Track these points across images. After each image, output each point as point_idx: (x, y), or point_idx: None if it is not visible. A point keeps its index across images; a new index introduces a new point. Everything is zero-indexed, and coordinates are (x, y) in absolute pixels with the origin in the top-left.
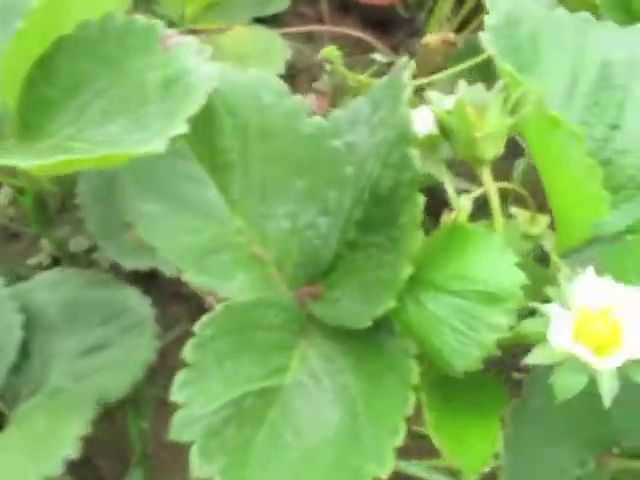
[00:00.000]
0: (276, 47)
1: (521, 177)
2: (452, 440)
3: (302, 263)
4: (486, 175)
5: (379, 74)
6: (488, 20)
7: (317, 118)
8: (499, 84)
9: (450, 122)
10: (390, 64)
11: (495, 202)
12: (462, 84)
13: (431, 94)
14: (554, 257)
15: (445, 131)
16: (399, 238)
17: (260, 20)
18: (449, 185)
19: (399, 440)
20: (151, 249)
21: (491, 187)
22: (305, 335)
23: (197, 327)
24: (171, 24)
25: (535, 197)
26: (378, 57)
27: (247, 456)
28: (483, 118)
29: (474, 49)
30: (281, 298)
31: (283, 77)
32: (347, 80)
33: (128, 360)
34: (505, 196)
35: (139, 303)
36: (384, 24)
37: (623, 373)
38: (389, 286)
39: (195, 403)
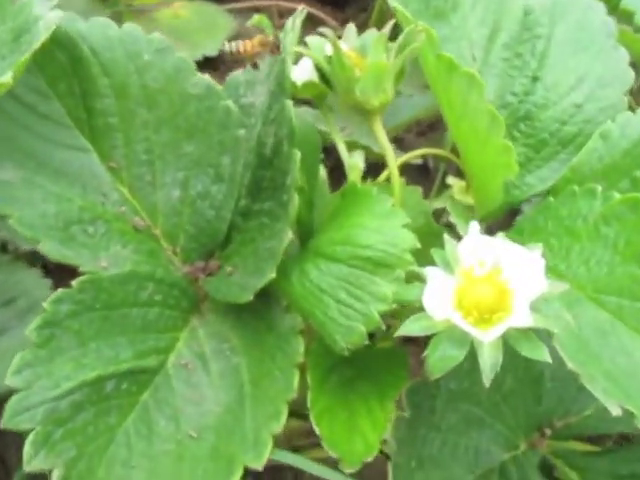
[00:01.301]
0: (218, 23)
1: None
2: (337, 426)
3: (195, 235)
4: (377, 127)
5: None
6: None
7: (206, 77)
8: (388, 26)
9: (328, 68)
10: (338, 38)
11: (391, 159)
12: (350, 29)
13: (310, 40)
14: (454, 216)
15: (325, 78)
16: (288, 202)
17: None
18: (338, 140)
19: (279, 426)
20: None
21: (385, 142)
22: (197, 313)
23: (48, 303)
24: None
25: None
26: (325, 31)
27: (105, 447)
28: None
29: None
30: (168, 273)
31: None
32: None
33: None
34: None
35: (36, 285)
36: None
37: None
38: (272, 256)
39: (36, 387)
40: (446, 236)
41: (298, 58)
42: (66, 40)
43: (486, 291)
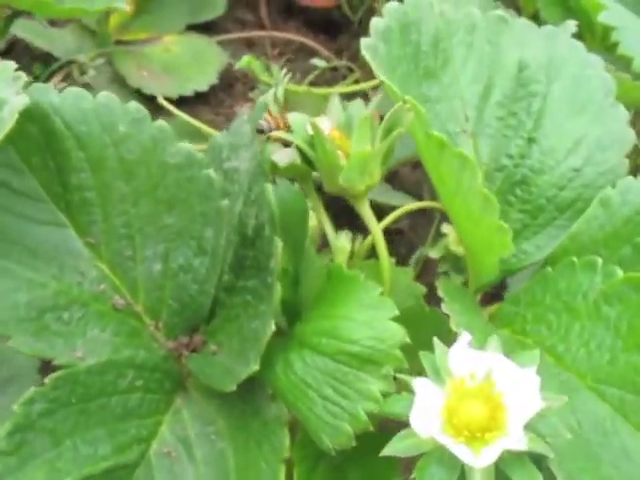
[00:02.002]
0: (209, 55)
1: None
2: None
3: (178, 310)
4: (364, 209)
5: (319, 80)
6: (376, 24)
7: (186, 146)
8: (375, 100)
9: (310, 151)
10: (332, 69)
11: (381, 243)
12: (334, 101)
13: (293, 118)
14: (446, 301)
15: (308, 160)
16: (272, 286)
17: (195, 27)
18: (325, 221)
19: None
20: None
21: (374, 226)
22: (182, 391)
23: (18, 405)
24: (93, 35)
25: None
26: (318, 62)
27: None
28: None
29: None
30: (149, 355)
31: (217, 87)
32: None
33: None
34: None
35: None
36: (328, 27)
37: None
38: (257, 340)
39: None
40: (436, 341)
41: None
42: (38, 113)
43: (478, 409)
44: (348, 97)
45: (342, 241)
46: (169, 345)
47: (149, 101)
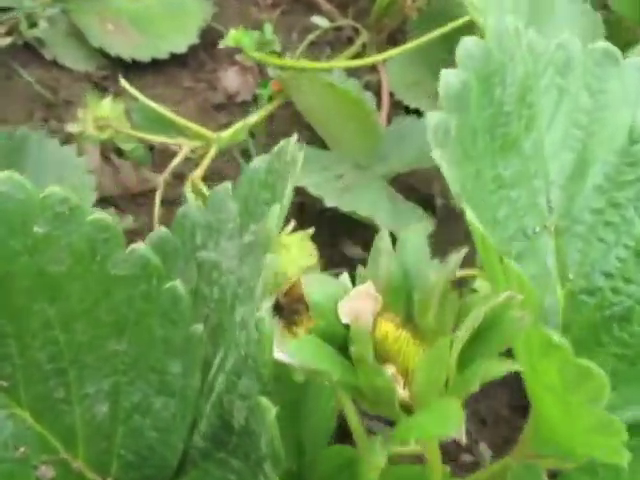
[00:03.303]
0: (189, 6)
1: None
2: None
3: (134, 464)
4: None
5: (318, 45)
6: (448, 82)
7: (139, 249)
8: (449, 266)
9: (349, 349)
10: (336, 29)
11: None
12: (380, 243)
13: (313, 294)
14: None
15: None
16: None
17: None
18: (356, 428)
19: None
20: None
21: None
22: None
23: None
24: None
25: None
26: (318, 21)
27: None
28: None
29: (441, 10)
30: None
31: (198, 46)
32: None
33: None
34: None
35: None
36: None
37: None
38: None
39: None
40: None
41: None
42: None
43: None
44: (352, 72)
45: (377, 456)
46: None
47: (113, 64)
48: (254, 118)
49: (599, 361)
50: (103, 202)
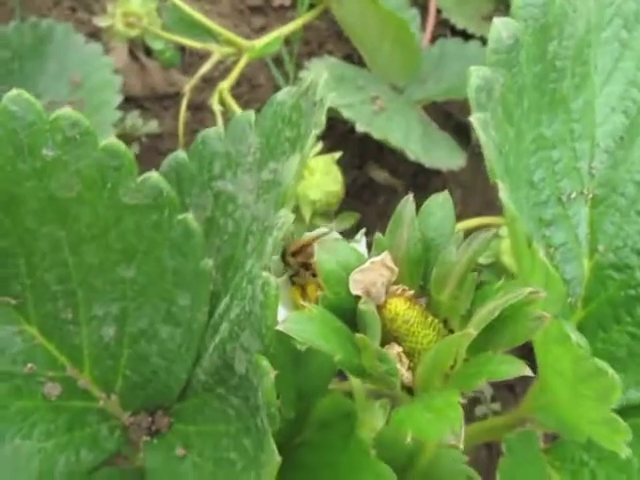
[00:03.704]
0: None
1: None
2: None
3: (138, 384)
4: None
5: None
6: (499, 30)
7: (152, 177)
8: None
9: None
10: None
11: None
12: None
13: (322, 265)
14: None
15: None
16: (261, 440)
17: None
18: (358, 387)
19: None
20: None
21: None
22: None
23: None
24: None
25: None
26: None
27: None
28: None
29: None
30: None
31: None
32: None
33: None
34: None
35: None
36: None
37: None
38: None
39: None
40: None
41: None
42: None
43: None
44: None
45: (375, 419)
46: (127, 421)
47: None
48: (290, 27)
49: (615, 337)
50: (128, 102)
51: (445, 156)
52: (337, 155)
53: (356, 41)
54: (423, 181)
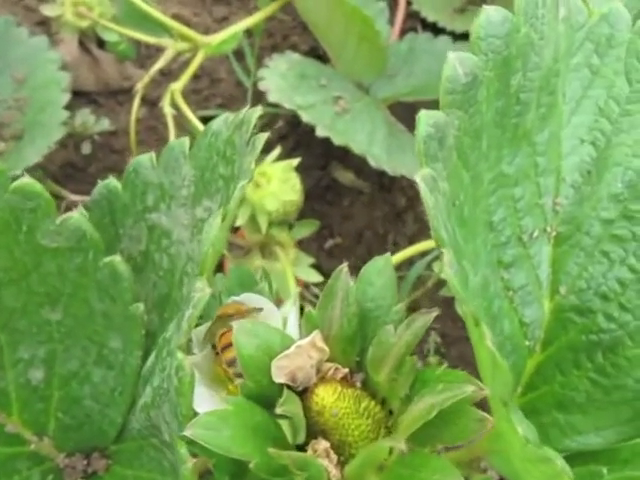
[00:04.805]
0: None
1: None
2: None
3: (73, 426)
4: None
5: None
6: (455, 68)
7: (73, 218)
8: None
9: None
10: None
11: None
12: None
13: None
14: None
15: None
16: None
17: None
18: None
19: None
20: None
21: None
22: None
23: None
24: None
25: None
26: None
27: None
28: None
29: None
30: None
31: None
32: None
33: None
34: None
35: None
36: None
37: None
38: None
39: None
40: None
41: None
42: None
43: None
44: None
45: None
46: (61, 463)
47: None
48: (253, 19)
49: (574, 382)
50: (79, 98)
51: (410, 161)
52: (296, 161)
53: (320, 36)
54: (388, 183)
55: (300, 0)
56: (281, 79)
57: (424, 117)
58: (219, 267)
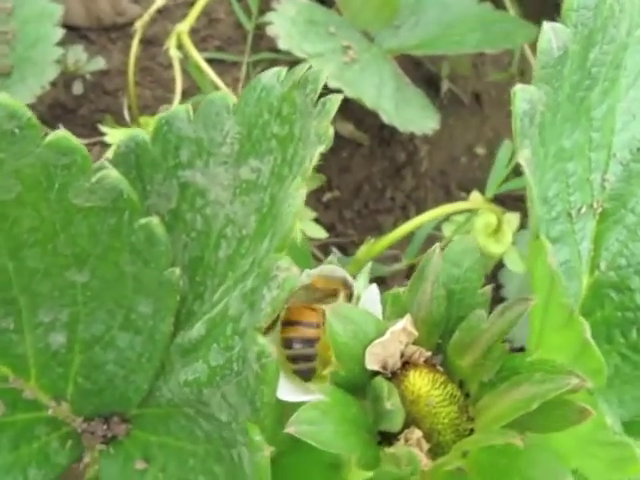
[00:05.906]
0: None
1: None
2: None
3: (92, 391)
4: None
5: None
6: (549, 37)
7: (110, 174)
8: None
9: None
10: None
11: None
12: None
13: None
14: None
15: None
16: (236, 475)
17: None
18: None
19: None
20: None
21: None
22: None
23: None
24: None
25: None
26: None
27: None
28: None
29: None
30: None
31: None
32: None
33: None
34: None
35: None
36: None
37: None
38: None
39: None
40: None
41: None
42: None
43: None
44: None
45: None
46: (79, 427)
47: None
48: None
49: (603, 356)
50: (70, 33)
51: (418, 116)
52: None
53: None
54: (388, 135)
55: None
56: (291, 25)
57: (520, 93)
58: None
